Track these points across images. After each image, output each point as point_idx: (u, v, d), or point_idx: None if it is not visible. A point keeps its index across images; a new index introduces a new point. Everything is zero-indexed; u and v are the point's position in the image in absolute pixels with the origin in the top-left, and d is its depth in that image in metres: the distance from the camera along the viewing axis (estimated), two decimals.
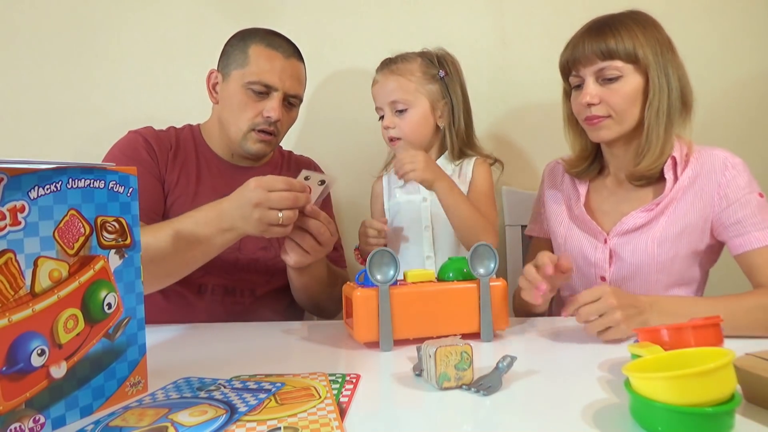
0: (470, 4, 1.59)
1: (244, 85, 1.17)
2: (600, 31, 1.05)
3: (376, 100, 1.21)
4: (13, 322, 0.56)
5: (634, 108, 1.05)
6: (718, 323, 0.74)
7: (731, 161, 1.05)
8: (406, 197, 1.23)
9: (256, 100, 1.18)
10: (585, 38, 1.06)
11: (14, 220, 0.57)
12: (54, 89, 1.61)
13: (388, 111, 1.18)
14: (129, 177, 0.69)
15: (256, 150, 1.22)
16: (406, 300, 0.90)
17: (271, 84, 1.17)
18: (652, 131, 1.04)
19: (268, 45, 1.18)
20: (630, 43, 1.02)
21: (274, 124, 1.19)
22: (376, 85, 1.21)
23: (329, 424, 0.59)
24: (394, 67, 1.19)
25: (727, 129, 1.56)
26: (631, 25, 1.04)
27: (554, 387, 0.72)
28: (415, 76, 1.18)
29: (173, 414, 0.63)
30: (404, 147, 1.17)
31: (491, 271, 0.92)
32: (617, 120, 1.05)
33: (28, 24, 1.60)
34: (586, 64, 1.05)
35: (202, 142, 1.28)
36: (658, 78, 1.03)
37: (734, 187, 1.04)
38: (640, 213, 1.09)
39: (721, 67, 1.57)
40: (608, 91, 1.04)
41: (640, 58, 1.03)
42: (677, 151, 1.07)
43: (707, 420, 0.54)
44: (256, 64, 1.17)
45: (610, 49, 1.02)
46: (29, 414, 0.58)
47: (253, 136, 1.20)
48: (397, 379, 0.76)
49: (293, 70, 1.20)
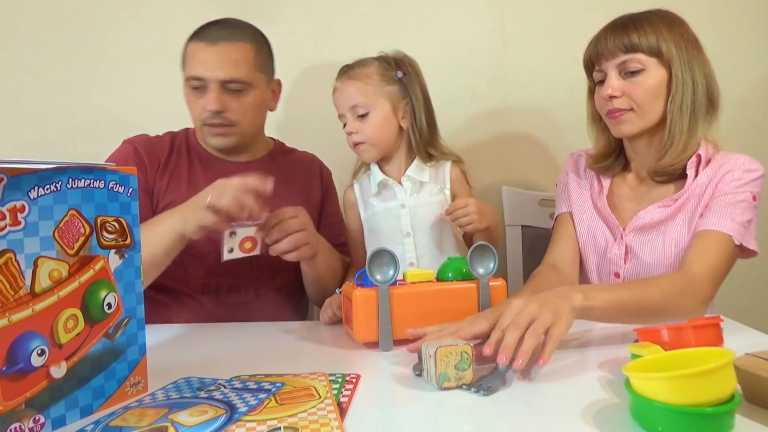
0: (470, 4, 1.59)
1: (185, 84, 1.18)
2: (623, 26, 1.05)
3: (337, 108, 1.20)
4: (13, 322, 0.56)
5: (657, 102, 1.04)
6: (718, 323, 0.74)
7: (748, 164, 1.04)
8: (383, 205, 1.20)
9: (197, 95, 1.17)
10: (608, 33, 1.06)
11: (14, 220, 0.57)
12: (54, 89, 1.61)
13: (349, 116, 1.17)
14: (129, 177, 0.69)
15: (216, 144, 1.22)
16: (406, 300, 0.90)
17: (199, 76, 1.15)
18: (675, 125, 1.03)
19: (196, 38, 1.17)
20: (653, 38, 1.02)
21: (221, 115, 1.17)
22: (336, 93, 1.19)
23: (329, 424, 0.59)
24: (351, 73, 1.18)
25: (727, 129, 1.56)
26: (655, 21, 1.04)
27: (554, 387, 0.72)
28: (372, 79, 1.17)
29: (173, 414, 0.63)
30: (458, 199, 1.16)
31: (491, 271, 0.92)
32: (639, 114, 1.05)
33: (28, 24, 1.60)
34: (608, 57, 1.05)
35: (195, 143, 1.28)
36: (681, 72, 1.03)
37: (737, 183, 1.03)
38: (656, 208, 1.08)
39: (721, 67, 1.57)
40: (630, 84, 1.04)
41: (663, 52, 1.02)
42: (703, 151, 1.06)
43: (707, 420, 0.54)
44: (189, 62, 1.17)
45: (632, 43, 1.02)
46: (29, 414, 0.58)
47: (207, 130, 1.20)
48: (397, 379, 0.76)
49: (222, 55, 1.15)
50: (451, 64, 1.60)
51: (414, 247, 1.18)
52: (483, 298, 0.92)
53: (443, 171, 1.21)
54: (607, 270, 1.14)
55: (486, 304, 0.92)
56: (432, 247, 1.18)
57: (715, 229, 0.99)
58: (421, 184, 1.20)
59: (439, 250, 1.18)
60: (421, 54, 1.34)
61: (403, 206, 1.18)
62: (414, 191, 1.19)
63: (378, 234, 1.20)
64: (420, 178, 1.19)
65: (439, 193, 1.19)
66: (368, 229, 1.23)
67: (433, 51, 1.59)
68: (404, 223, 1.18)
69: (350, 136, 1.18)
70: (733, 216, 0.99)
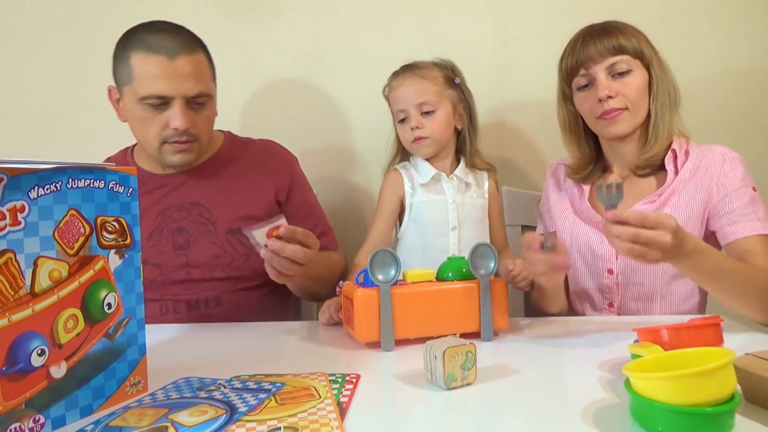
0: (470, 4, 1.59)
1: (138, 101, 1.08)
2: (607, 31, 1.10)
3: (398, 103, 1.23)
4: (13, 322, 0.56)
5: (645, 100, 1.10)
6: (718, 323, 0.74)
7: (729, 155, 1.10)
8: (432, 197, 1.24)
9: (155, 113, 1.08)
10: (593, 38, 1.10)
11: (14, 220, 0.57)
12: (54, 89, 1.61)
13: (414, 112, 1.20)
14: (129, 177, 0.69)
15: (179, 161, 1.14)
16: (407, 300, 0.90)
17: (164, 94, 1.06)
18: (659, 121, 1.09)
19: (148, 50, 1.07)
20: (635, 40, 1.09)
21: (185, 132, 1.10)
22: (401, 88, 1.22)
23: (329, 424, 0.59)
24: (418, 71, 1.23)
25: (727, 129, 1.56)
26: (630, 26, 1.12)
27: (554, 387, 0.72)
28: (438, 81, 1.23)
29: (173, 414, 0.63)
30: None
31: (491, 271, 0.93)
32: (633, 112, 1.09)
33: (28, 24, 1.60)
34: (597, 60, 1.08)
35: (132, 165, 1.21)
36: (659, 72, 1.10)
37: (732, 179, 1.07)
38: (643, 204, 1.11)
39: (721, 67, 1.57)
40: (621, 84, 1.08)
41: (645, 54, 1.09)
42: (677, 145, 1.11)
43: (707, 420, 0.54)
44: (141, 77, 1.06)
45: (621, 45, 1.08)
46: (29, 414, 0.58)
47: (168, 148, 1.12)
48: (397, 378, 0.76)
49: (186, 70, 1.07)
50: None
51: (458, 240, 1.23)
52: (483, 298, 0.92)
53: (482, 179, 1.29)
54: (600, 267, 1.15)
55: (486, 303, 0.92)
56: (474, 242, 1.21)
57: (750, 235, 1.04)
58: (467, 185, 1.26)
59: None
60: (421, 54, 1.34)
61: (453, 201, 1.23)
62: (461, 191, 1.25)
63: (424, 224, 1.24)
64: (466, 180, 1.26)
65: (480, 198, 1.27)
66: (413, 216, 1.25)
67: (433, 51, 1.58)
68: (452, 217, 1.23)
69: (414, 131, 1.21)
70: (757, 215, 1.05)
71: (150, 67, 1.06)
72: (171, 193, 1.20)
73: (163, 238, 1.16)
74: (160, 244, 1.16)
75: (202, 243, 1.18)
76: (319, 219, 1.31)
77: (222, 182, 1.22)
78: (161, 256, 1.17)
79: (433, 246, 1.23)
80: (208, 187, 1.21)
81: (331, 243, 1.32)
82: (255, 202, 1.22)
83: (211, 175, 1.22)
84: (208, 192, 1.21)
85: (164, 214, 1.18)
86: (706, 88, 1.56)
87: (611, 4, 1.54)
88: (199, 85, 1.10)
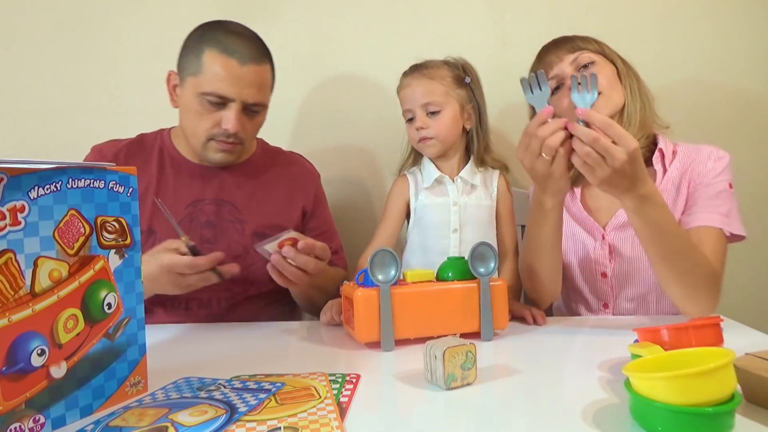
0: (470, 4, 1.59)
1: (198, 95, 1.10)
2: (563, 38, 1.15)
3: (405, 103, 1.24)
4: (13, 322, 0.56)
5: (617, 90, 1.12)
6: (718, 323, 0.74)
7: (716, 154, 1.10)
8: (435, 199, 1.25)
9: (212, 110, 1.11)
10: (551, 47, 1.15)
11: (14, 220, 0.57)
12: (54, 89, 1.61)
13: (420, 112, 1.21)
14: (129, 177, 0.69)
15: (219, 159, 1.17)
16: (407, 300, 0.90)
17: (226, 95, 1.10)
18: (630, 108, 1.11)
19: (223, 51, 1.09)
20: (593, 42, 1.14)
21: (234, 135, 1.13)
22: (408, 89, 1.23)
23: (329, 424, 0.59)
24: (425, 72, 1.23)
25: (728, 128, 1.56)
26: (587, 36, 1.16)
27: (554, 387, 0.72)
28: (446, 80, 1.23)
29: (173, 414, 0.63)
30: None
31: (491, 271, 0.93)
32: (608, 95, 1.10)
33: (28, 24, 1.60)
34: (559, 60, 1.12)
35: (170, 146, 1.24)
36: (624, 67, 1.13)
37: (713, 173, 1.07)
38: None
39: (720, 67, 1.57)
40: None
41: (606, 51, 1.14)
42: (663, 144, 1.12)
43: (707, 420, 0.54)
44: (209, 73, 1.09)
45: (578, 45, 1.13)
46: (29, 414, 0.58)
47: (214, 145, 1.15)
48: (398, 378, 0.76)
49: (252, 78, 1.11)
50: None
51: (459, 242, 1.23)
52: (484, 298, 0.92)
53: (492, 179, 1.28)
54: (593, 270, 1.15)
55: (486, 303, 0.92)
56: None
57: (707, 225, 1.02)
58: (473, 186, 1.25)
59: None
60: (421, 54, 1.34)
61: (454, 204, 1.23)
62: (465, 192, 1.24)
63: (426, 226, 1.24)
64: (472, 181, 1.25)
65: (488, 199, 1.26)
66: (416, 219, 1.26)
67: (433, 51, 1.58)
68: (453, 219, 1.23)
69: (419, 131, 1.22)
70: (718, 208, 1.03)
71: (220, 68, 1.09)
72: (204, 185, 1.22)
73: (192, 229, 1.18)
74: (189, 234, 1.16)
75: (228, 240, 1.19)
76: (334, 237, 1.35)
77: (254, 187, 1.25)
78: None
79: (432, 248, 1.24)
80: (240, 188, 1.24)
81: (341, 261, 1.35)
82: (285, 212, 1.26)
83: (245, 178, 1.25)
84: (239, 193, 1.23)
85: (195, 205, 1.20)
86: (705, 88, 1.56)
87: (611, 4, 1.54)
88: (260, 95, 1.14)
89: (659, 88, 1.57)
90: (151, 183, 1.19)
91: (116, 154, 1.20)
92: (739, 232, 1.04)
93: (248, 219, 1.22)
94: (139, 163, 1.19)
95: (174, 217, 1.09)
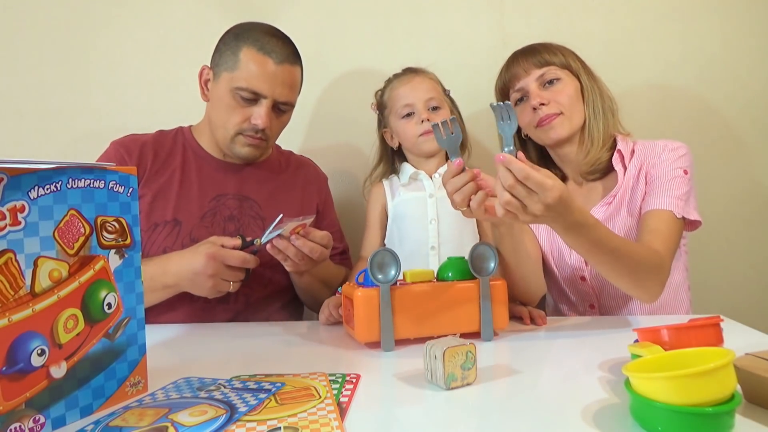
0: (470, 4, 1.59)
1: (232, 90, 1.14)
2: (532, 49, 1.17)
3: (404, 98, 1.24)
4: (13, 322, 0.56)
5: (579, 106, 1.14)
6: (718, 323, 0.74)
7: (671, 145, 1.12)
8: (412, 194, 1.26)
9: (243, 105, 1.15)
10: (519, 58, 1.17)
11: (14, 220, 0.57)
12: (54, 89, 1.61)
13: (422, 107, 1.23)
14: (129, 177, 0.70)
15: (245, 154, 1.21)
16: (407, 300, 0.90)
17: (259, 92, 1.14)
18: (592, 126, 1.14)
19: (260, 49, 1.14)
20: (560, 55, 1.16)
21: (262, 131, 1.17)
22: (410, 84, 1.25)
23: (329, 424, 0.59)
24: (423, 73, 1.27)
25: (728, 128, 1.56)
26: (555, 45, 1.18)
27: (554, 387, 0.72)
28: (439, 87, 1.28)
29: (173, 414, 0.63)
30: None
31: (491, 271, 0.93)
32: (568, 116, 1.13)
33: (28, 24, 1.60)
34: (523, 75, 1.15)
35: (192, 142, 1.27)
36: (589, 82, 1.16)
37: (667, 162, 1.09)
38: (600, 207, 1.14)
39: (721, 67, 1.57)
40: (552, 92, 1.13)
41: (572, 66, 1.16)
42: (622, 145, 1.14)
43: (707, 420, 0.54)
44: (245, 70, 1.13)
45: (545, 59, 1.15)
46: (29, 414, 0.58)
47: (241, 139, 1.19)
48: (398, 378, 0.76)
49: (285, 77, 1.16)
50: (451, 64, 1.59)
51: (437, 233, 1.23)
52: (483, 298, 0.92)
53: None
54: (573, 275, 1.17)
55: (486, 303, 0.92)
56: (454, 235, 1.23)
57: (658, 208, 1.04)
58: None
59: (459, 239, 1.23)
60: (421, 54, 1.35)
61: (431, 196, 1.24)
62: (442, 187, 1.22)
63: (404, 218, 1.25)
64: None
65: None
66: (394, 215, 1.27)
67: (433, 51, 1.59)
68: (431, 210, 1.23)
69: (422, 124, 1.22)
70: (671, 192, 1.05)
71: (257, 65, 1.13)
72: (226, 181, 1.24)
73: (216, 223, 1.20)
74: (212, 227, 1.19)
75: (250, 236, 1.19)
76: (342, 238, 1.39)
77: (273, 185, 1.29)
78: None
79: (410, 238, 1.24)
80: (261, 185, 1.27)
81: (348, 262, 1.38)
82: (302, 211, 1.28)
83: (264, 176, 1.29)
84: (260, 190, 1.27)
85: (218, 200, 1.22)
86: (706, 88, 1.56)
87: (611, 4, 1.55)
88: (290, 94, 1.19)
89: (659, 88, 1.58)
90: (174, 175, 1.22)
91: (142, 147, 1.22)
92: (693, 217, 1.05)
93: (269, 215, 1.24)
94: (165, 156, 1.24)
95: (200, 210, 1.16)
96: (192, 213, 1.18)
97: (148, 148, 1.22)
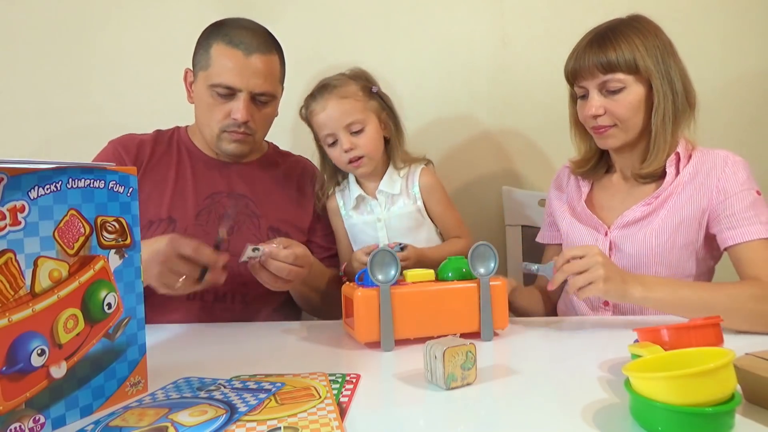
0: (470, 4, 1.59)
1: (208, 88, 1.14)
2: (601, 44, 1.07)
3: (324, 128, 1.18)
4: (13, 322, 0.56)
5: (638, 116, 1.08)
6: (718, 323, 0.74)
7: (732, 159, 1.08)
8: (361, 218, 1.24)
9: (222, 102, 1.15)
10: (587, 51, 1.08)
11: (14, 220, 0.57)
12: (54, 89, 1.61)
13: (343, 134, 1.16)
14: (129, 177, 0.70)
15: (233, 150, 1.21)
16: (407, 300, 0.90)
17: (232, 85, 1.13)
18: (659, 137, 1.08)
19: (228, 43, 1.13)
20: (630, 55, 1.05)
21: (244, 125, 1.16)
22: (324, 113, 1.17)
23: (329, 424, 0.59)
24: (335, 91, 1.17)
25: (728, 128, 1.56)
26: (630, 36, 1.06)
27: (554, 387, 0.72)
28: (358, 96, 1.18)
29: (173, 414, 0.63)
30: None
31: (491, 271, 0.93)
32: (623, 128, 1.09)
33: (28, 24, 1.60)
34: (588, 77, 1.08)
35: (188, 141, 1.27)
36: (661, 85, 1.06)
37: (733, 182, 1.06)
38: (640, 206, 1.11)
39: (721, 67, 1.57)
40: (612, 102, 1.07)
41: (641, 69, 1.05)
42: (681, 148, 1.10)
43: (707, 420, 0.54)
44: (217, 65, 1.13)
45: (611, 62, 1.05)
46: (29, 414, 0.58)
47: (227, 136, 1.19)
48: (397, 378, 0.76)
49: (257, 67, 1.14)
50: (451, 64, 1.60)
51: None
52: (483, 298, 0.92)
53: (413, 178, 1.23)
54: None
55: (486, 303, 0.92)
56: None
57: (750, 240, 1.02)
58: (394, 197, 1.22)
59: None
60: (421, 54, 1.34)
61: (379, 220, 1.22)
62: (388, 204, 1.22)
63: (360, 243, 1.23)
64: (392, 191, 1.22)
65: (411, 204, 1.22)
66: (351, 236, 1.26)
67: (433, 51, 1.59)
68: (381, 235, 1.22)
69: (347, 153, 1.17)
70: (759, 218, 1.03)
71: (226, 59, 1.13)
72: (221, 179, 1.24)
73: (211, 221, 1.20)
74: (207, 225, 1.19)
75: (245, 233, 1.20)
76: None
77: (268, 183, 1.28)
78: (206, 237, 1.18)
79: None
80: (256, 183, 1.27)
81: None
82: (298, 209, 1.28)
83: (259, 174, 1.28)
84: (255, 188, 1.26)
85: (213, 198, 1.22)
86: (711, 90, 1.56)
87: (611, 4, 1.54)
88: (266, 84, 1.16)
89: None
90: (169, 174, 1.22)
91: (139, 145, 1.23)
92: None
93: (264, 213, 1.24)
94: (161, 154, 1.24)
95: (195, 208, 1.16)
96: (187, 211, 1.18)
97: (145, 146, 1.23)
